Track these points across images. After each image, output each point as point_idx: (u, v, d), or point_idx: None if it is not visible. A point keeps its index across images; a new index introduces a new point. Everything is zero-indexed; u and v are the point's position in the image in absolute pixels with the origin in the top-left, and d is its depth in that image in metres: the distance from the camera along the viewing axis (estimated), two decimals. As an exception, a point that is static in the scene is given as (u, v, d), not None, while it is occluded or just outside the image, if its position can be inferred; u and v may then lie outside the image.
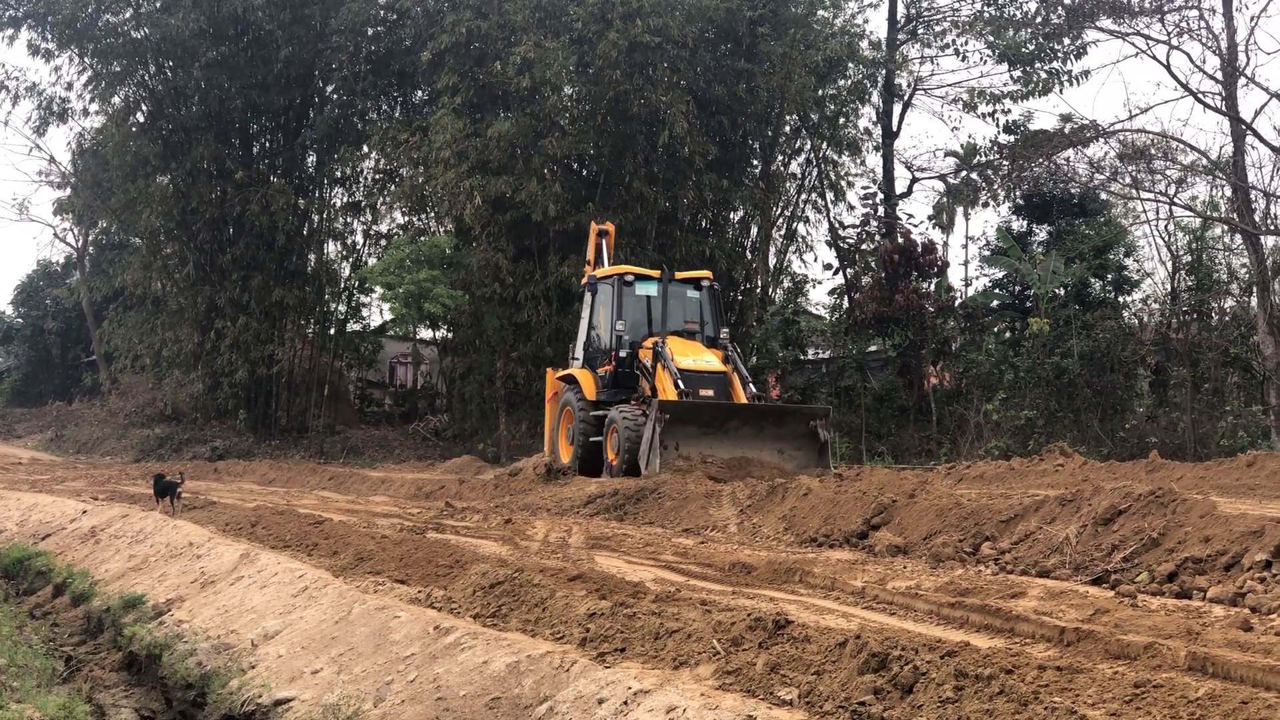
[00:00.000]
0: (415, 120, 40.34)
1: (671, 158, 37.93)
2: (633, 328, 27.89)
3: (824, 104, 41.89)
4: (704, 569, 14.11)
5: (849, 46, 40.94)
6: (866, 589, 11.96)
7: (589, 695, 7.80)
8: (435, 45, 37.04)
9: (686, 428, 24.65)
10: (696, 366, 26.31)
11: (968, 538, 14.40)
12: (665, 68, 37.33)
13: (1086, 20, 34.26)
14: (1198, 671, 8.05)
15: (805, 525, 16.90)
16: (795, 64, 37.44)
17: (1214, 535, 11.70)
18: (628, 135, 37.86)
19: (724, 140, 39.65)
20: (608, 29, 35.40)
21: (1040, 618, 9.91)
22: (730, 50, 38.98)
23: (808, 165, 44.19)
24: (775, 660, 7.80)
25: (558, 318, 37.42)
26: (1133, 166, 33.65)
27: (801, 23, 38.89)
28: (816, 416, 26.27)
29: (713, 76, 38.28)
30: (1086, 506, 13.55)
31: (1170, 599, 10.76)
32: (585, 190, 38.62)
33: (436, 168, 36.96)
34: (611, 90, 36.40)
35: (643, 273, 28.88)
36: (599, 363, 28.17)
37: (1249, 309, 34.17)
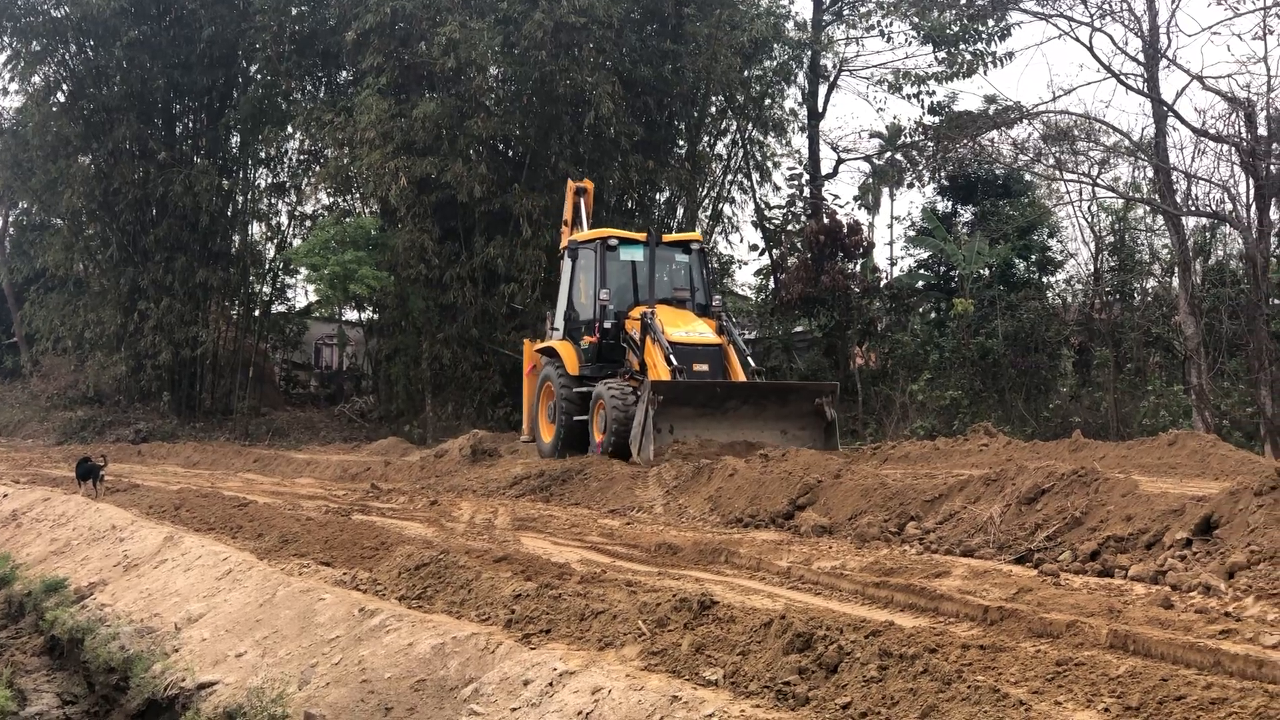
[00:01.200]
0: (340, 101, 40.11)
1: (597, 138, 37.86)
2: (617, 296, 26.04)
3: (750, 85, 41.94)
4: (630, 550, 14.13)
5: (774, 27, 41.02)
6: (792, 569, 11.99)
7: (514, 677, 7.79)
8: (360, 25, 36.81)
9: (682, 409, 22.85)
10: (689, 339, 24.35)
11: (893, 518, 14.46)
12: (591, 48, 37.23)
13: (1010, 2, 34.38)
14: (1119, 649, 8.11)
15: (731, 506, 16.93)
16: (721, 45, 37.46)
17: (1136, 514, 11.78)
18: (554, 116, 37.80)
19: (650, 121, 39.68)
20: (533, 9, 35.30)
21: (964, 597, 9.96)
22: (656, 31, 38.99)
23: (733, 146, 44.28)
24: (700, 641, 7.81)
25: (484, 299, 37.35)
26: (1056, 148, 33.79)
27: (727, 4, 38.92)
28: (823, 393, 24.40)
29: (638, 57, 38.29)
30: (1010, 486, 13.63)
31: (1092, 577, 10.83)
32: (511, 171, 38.53)
33: (361, 148, 36.79)
34: (537, 71, 36.33)
35: (627, 236, 26.88)
36: (581, 334, 26.20)
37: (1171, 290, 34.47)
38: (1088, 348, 35.14)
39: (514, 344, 35.98)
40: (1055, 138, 33.55)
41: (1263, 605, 9.02)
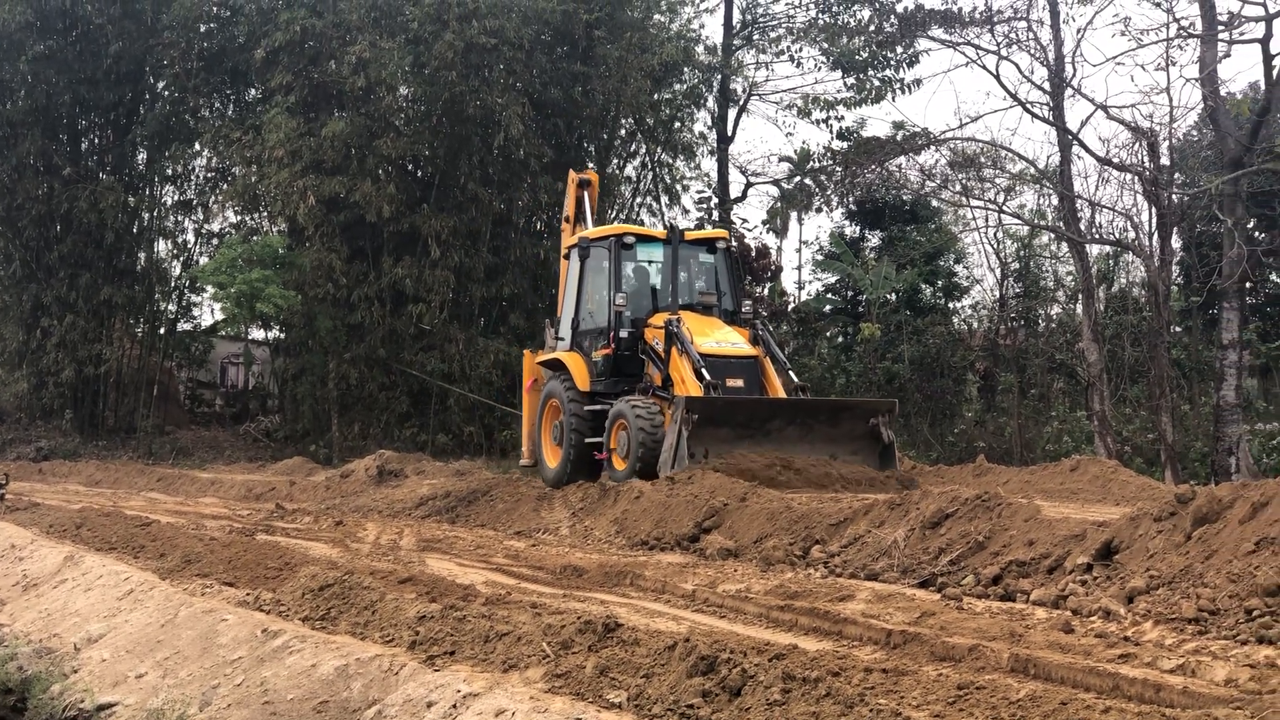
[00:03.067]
0: (248, 119, 39.85)
1: (507, 160, 37.87)
2: (634, 301, 23.20)
3: (660, 108, 42.05)
4: (535, 572, 14.13)
5: (685, 51, 41.14)
6: (697, 592, 12.02)
7: (418, 699, 7.77)
8: (269, 43, 36.62)
9: (719, 430, 20.25)
10: (721, 350, 21.74)
11: (798, 541, 14.53)
12: (501, 69, 37.24)
13: (918, 29, 34.66)
14: (1020, 673, 8.19)
15: (637, 528, 16.95)
16: (631, 68, 37.54)
17: (1038, 539, 11.89)
18: (463, 137, 37.73)
19: (560, 143, 39.70)
20: (444, 30, 35.25)
21: (868, 620, 10.02)
22: (566, 53, 39.03)
23: (643, 169, 44.34)
24: (605, 663, 7.81)
25: (391, 319, 37.19)
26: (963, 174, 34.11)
27: (638, 26, 39.03)
28: (879, 412, 21.90)
29: (549, 79, 38.30)
30: (914, 510, 13.71)
31: (995, 601, 10.92)
32: (420, 191, 38.43)
33: (270, 167, 36.57)
34: (447, 91, 36.25)
35: (645, 233, 24.23)
36: (592, 345, 23.43)
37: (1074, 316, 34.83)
38: (993, 373, 35.46)
39: (421, 364, 35.93)
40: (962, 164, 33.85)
41: (1161, 630, 9.13)
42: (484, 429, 36.51)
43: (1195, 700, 7.32)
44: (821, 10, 41.23)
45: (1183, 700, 7.38)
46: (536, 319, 38.53)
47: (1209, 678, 7.85)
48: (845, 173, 37.80)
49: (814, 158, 43.62)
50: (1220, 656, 8.34)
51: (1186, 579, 9.92)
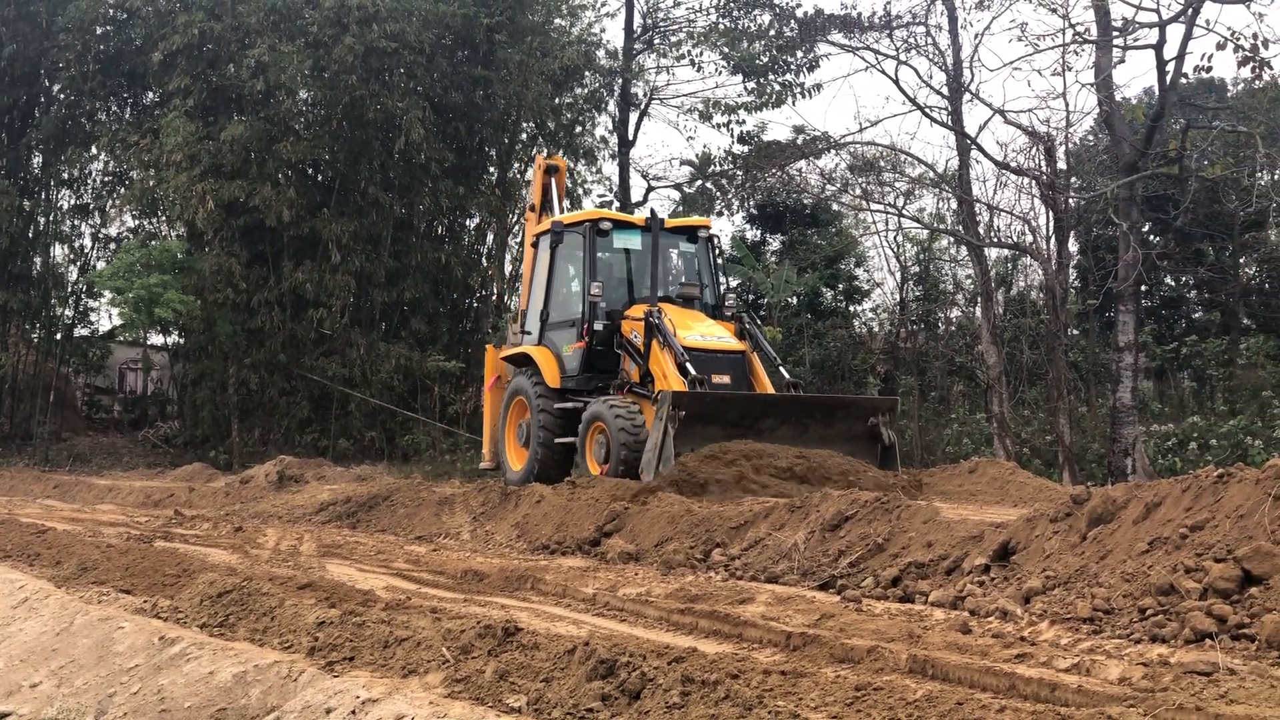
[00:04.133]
0: (146, 122, 39.41)
1: (408, 164, 37.73)
2: (609, 292, 22.13)
3: (561, 112, 42.05)
4: (436, 576, 14.08)
5: (586, 55, 41.20)
6: (598, 596, 12.02)
7: (317, 705, 7.72)
8: (167, 46, 36.29)
9: (707, 428, 18.86)
10: (706, 344, 20.63)
11: (699, 544, 14.56)
12: (402, 73, 37.13)
13: (818, 34, 34.84)
14: (918, 674, 8.24)
15: (538, 532, 16.94)
16: (532, 72, 37.51)
17: (936, 540, 11.98)
18: (364, 141, 37.56)
19: (461, 147, 39.61)
20: (344, 34, 35.08)
21: (768, 623, 10.05)
22: (468, 57, 38.93)
23: (545, 173, 44.32)
24: (504, 668, 7.80)
25: (292, 324, 36.95)
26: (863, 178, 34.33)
27: (539, 31, 39.01)
28: (879, 411, 20.73)
29: (450, 83, 38.18)
30: (815, 513, 13.78)
31: (894, 603, 10.99)
32: (321, 196, 38.22)
33: (168, 171, 36.22)
34: (348, 95, 36.07)
35: (623, 219, 23.10)
36: (563, 338, 22.35)
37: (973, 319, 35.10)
38: (893, 376, 35.64)
39: (322, 369, 35.71)
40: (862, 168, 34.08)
41: (1057, 629, 9.22)
42: (385, 434, 36.35)
43: (1090, 699, 7.40)
44: (722, 15, 41.35)
45: (1077, 699, 7.46)
46: (438, 323, 38.53)
47: (1103, 676, 7.94)
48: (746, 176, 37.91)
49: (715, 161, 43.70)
50: (1114, 655, 8.43)
51: (1082, 579, 10.02)
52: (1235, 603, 8.86)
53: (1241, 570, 9.07)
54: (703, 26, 42.45)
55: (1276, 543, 9.18)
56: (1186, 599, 9.06)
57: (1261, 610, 8.63)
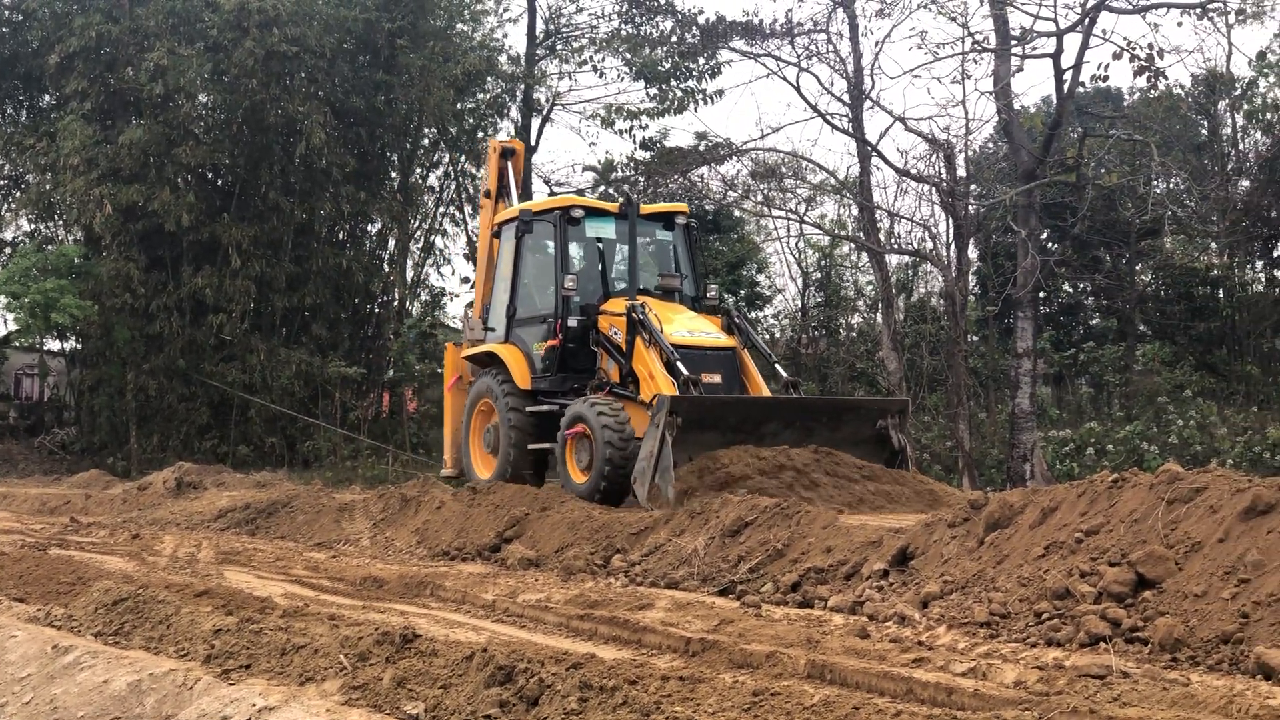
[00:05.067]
0: (42, 125, 38.95)
1: (309, 169, 37.49)
2: (582, 285, 20.40)
3: (463, 117, 41.92)
4: (335, 583, 14.03)
5: (488, 61, 41.08)
6: (497, 602, 12.02)
7: (212, 713, 7.66)
8: (64, 48, 35.88)
9: (705, 434, 17.18)
10: (694, 340, 18.97)
11: (599, 550, 14.58)
12: (303, 78, 36.93)
13: (720, 41, 34.98)
14: (816, 679, 8.29)
15: (438, 539, 16.91)
16: (434, 77, 37.37)
17: (836, 546, 12.05)
18: (264, 145, 37.31)
19: (362, 152, 39.41)
20: (244, 37, 34.80)
21: (667, 629, 10.08)
22: (369, 62, 38.76)
23: (446, 178, 44.15)
24: (403, 675, 7.77)
25: (191, 329, 36.62)
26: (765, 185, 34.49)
27: (441, 36, 38.88)
28: (888, 413, 18.89)
29: (351, 88, 37.99)
30: (715, 519, 13.83)
31: (793, 608, 11.05)
32: (220, 200, 37.92)
33: (65, 175, 35.81)
34: (248, 99, 35.81)
35: (596, 205, 21.34)
36: (532, 336, 20.59)
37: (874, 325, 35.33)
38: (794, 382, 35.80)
39: (222, 375, 35.42)
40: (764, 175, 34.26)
41: (954, 634, 9.29)
42: (286, 440, 36.11)
43: (986, 703, 7.45)
44: (624, 21, 41.38)
45: (974, 703, 7.51)
46: (340, 329, 38.31)
47: (999, 680, 8.01)
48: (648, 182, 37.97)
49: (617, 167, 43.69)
50: (1010, 659, 8.51)
51: (979, 584, 10.10)
52: (1129, 606, 8.96)
53: (1135, 574, 9.17)
54: (605, 32, 42.46)
55: (1170, 547, 9.29)
56: (1081, 603, 9.15)
57: (1155, 613, 8.72)
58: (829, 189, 34.53)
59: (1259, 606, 8.37)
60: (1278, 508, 9.14)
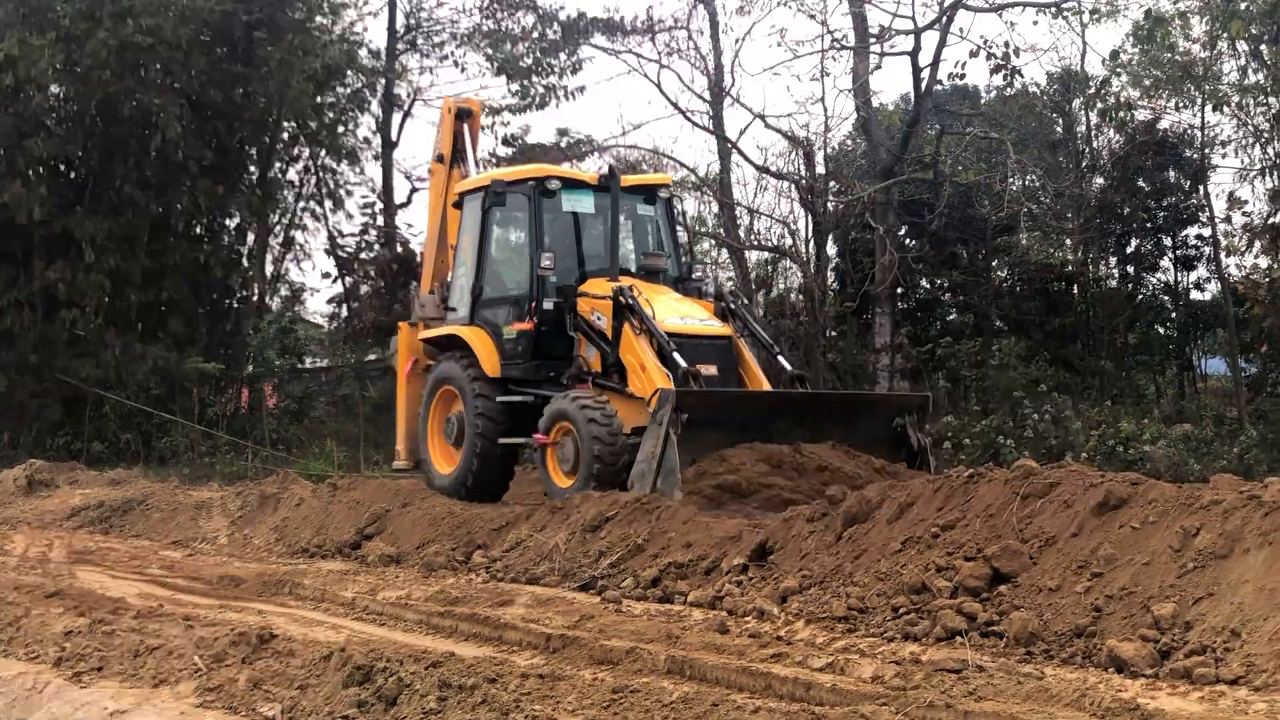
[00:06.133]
0: (-113, 117, 38.21)
1: (165, 162, 36.92)
2: (558, 263, 18.40)
3: (323, 111, 41.54)
4: (191, 582, 13.87)
5: (348, 54, 40.76)
6: (357, 600, 11.95)
7: (63, 717, 7.55)
8: (-90, 38, 35.22)
9: (710, 433, 15.64)
10: (687, 328, 17.42)
11: (460, 546, 14.54)
12: (159, 69, 36.37)
13: (581, 37, 35.07)
14: (676, 674, 8.30)
15: (298, 536, 16.78)
16: (293, 70, 36.97)
17: (695, 541, 12.09)
18: (119, 138, 36.71)
19: (220, 146, 38.87)
20: (97, 28, 34.24)
21: (527, 625, 10.06)
22: (227, 54, 38.26)
23: (306, 173, 43.78)
24: (259, 675, 7.69)
25: (44, 325, 36.00)
26: (626, 181, 34.53)
27: (300, 29, 38.46)
28: (905, 410, 17.61)
29: (208, 80, 37.45)
30: (576, 514, 13.83)
31: (654, 604, 11.06)
32: (74, 193, 37.27)
33: (-91, 167, 35.16)
34: (101, 91, 35.23)
35: (573, 176, 19.74)
36: (502, 318, 18.86)
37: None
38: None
39: (75, 371, 34.84)
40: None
41: (812, 629, 9.34)
42: (142, 437, 35.56)
43: (843, 698, 7.49)
44: (486, 16, 41.26)
45: (831, 698, 7.55)
46: (197, 325, 37.79)
47: (857, 675, 8.06)
48: (510, 178, 37.89)
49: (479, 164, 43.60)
50: (868, 654, 8.57)
51: (837, 578, 10.17)
52: (985, 600, 9.06)
53: (991, 568, 9.27)
54: (466, 28, 42.31)
55: (1025, 541, 9.40)
56: (938, 597, 9.23)
57: (1010, 608, 8.82)
58: (689, 186, 34.59)
59: (1111, 600, 8.49)
60: (1130, 502, 9.28)
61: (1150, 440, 24.64)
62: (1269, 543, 8.18)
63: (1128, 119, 33.12)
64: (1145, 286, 37.32)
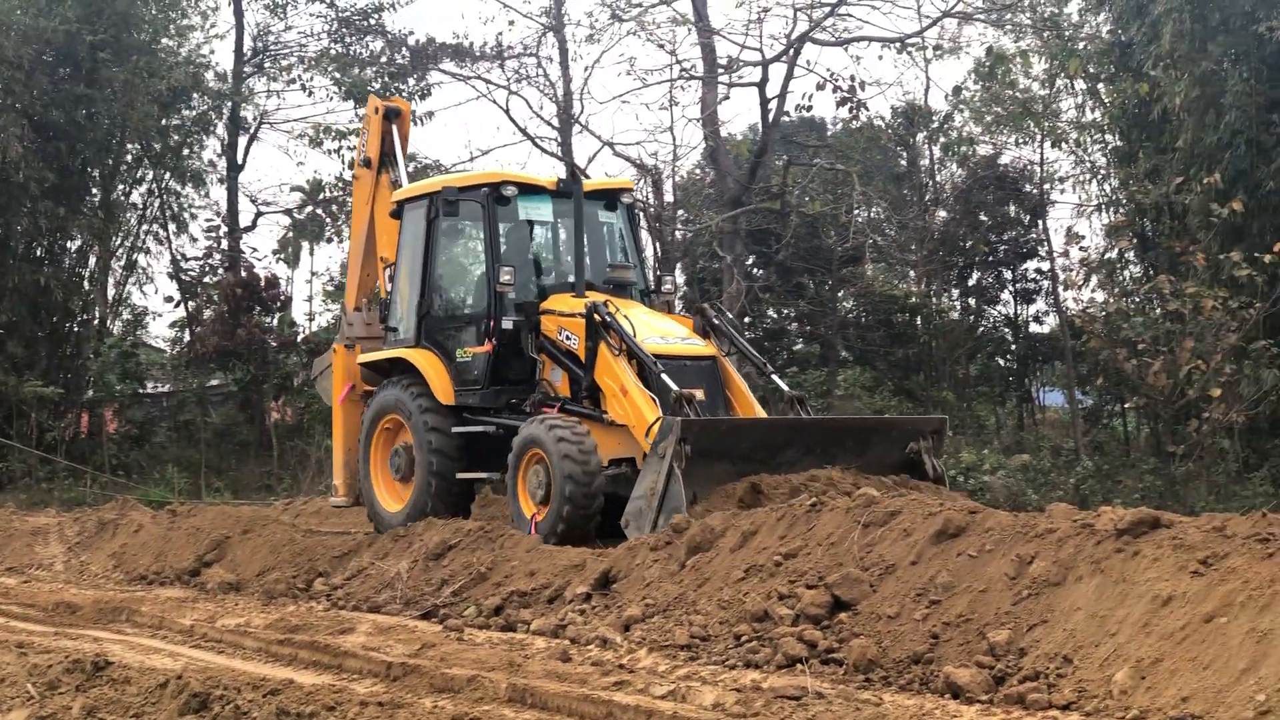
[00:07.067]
0: None
1: (5, 183, 36.34)
2: (517, 277, 16.74)
3: (168, 134, 41.08)
4: (25, 609, 13.66)
5: (194, 77, 40.31)
6: (195, 627, 11.82)
7: (-113, 748, 7.41)
8: None
9: (714, 465, 14.04)
10: (669, 348, 15.81)
11: (301, 573, 14.46)
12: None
13: (430, 62, 35.03)
14: (518, 703, 8.29)
15: (136, 563, 16.58)
16: (138, 92, 36.55)
17: (539, 569, 12.10)
18: (-43, 158, 36.18)
19: (62, 167, 38.31)
20: (-64, 47, 33.76)
21: (368, 653, 10.01)
22: (70, 75, 37.76)
23: (150, 195, 43.22)
24: (93, 703, 7.59)
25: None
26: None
27: (145, 50, 38.02)
28: (920, 434, 15.76)
29: (50, 100, 36.95)
30: (419, 542, 13.80)
31: (496, 632, 11.06)
32: (-92, 214, 36.65)
33: None
34: (-61, 110, 34.73)
35: (529, 181, 17.74)
36: (455, 340, 17.20)
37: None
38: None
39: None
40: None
41: (655, 656, 9.37)
42: (-26, 462, 35.00)
43: (684, 725, 7.53)
44: (334, 40, 41.06)
45: (672, 726, 7.59)
46: (36, 348, 37.17)
47: (698, 703, 8.09)
48: (356, 203, 37.73)
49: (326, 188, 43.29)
50: (710, 681, 8.61)
51: (680, 606, 10.21)
52: (825, 628, 9.14)
53: (832, 596, 9.36)
54: (314, 51, 42.05)
55: (865, 569, 9.50)
56: (780, 625, 9.31)
57: (850, 635, 8.92)
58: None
59: (948, 627, 8.61)
60: (968, 531, 9.41)
61: (990, 470, 24.95)
62: (1101, 570, 8.34)
63: (970, 154, 33.66)
64: (986, 319, 37.88)
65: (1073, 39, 29.94)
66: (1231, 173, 23.54)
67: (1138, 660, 7.45)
